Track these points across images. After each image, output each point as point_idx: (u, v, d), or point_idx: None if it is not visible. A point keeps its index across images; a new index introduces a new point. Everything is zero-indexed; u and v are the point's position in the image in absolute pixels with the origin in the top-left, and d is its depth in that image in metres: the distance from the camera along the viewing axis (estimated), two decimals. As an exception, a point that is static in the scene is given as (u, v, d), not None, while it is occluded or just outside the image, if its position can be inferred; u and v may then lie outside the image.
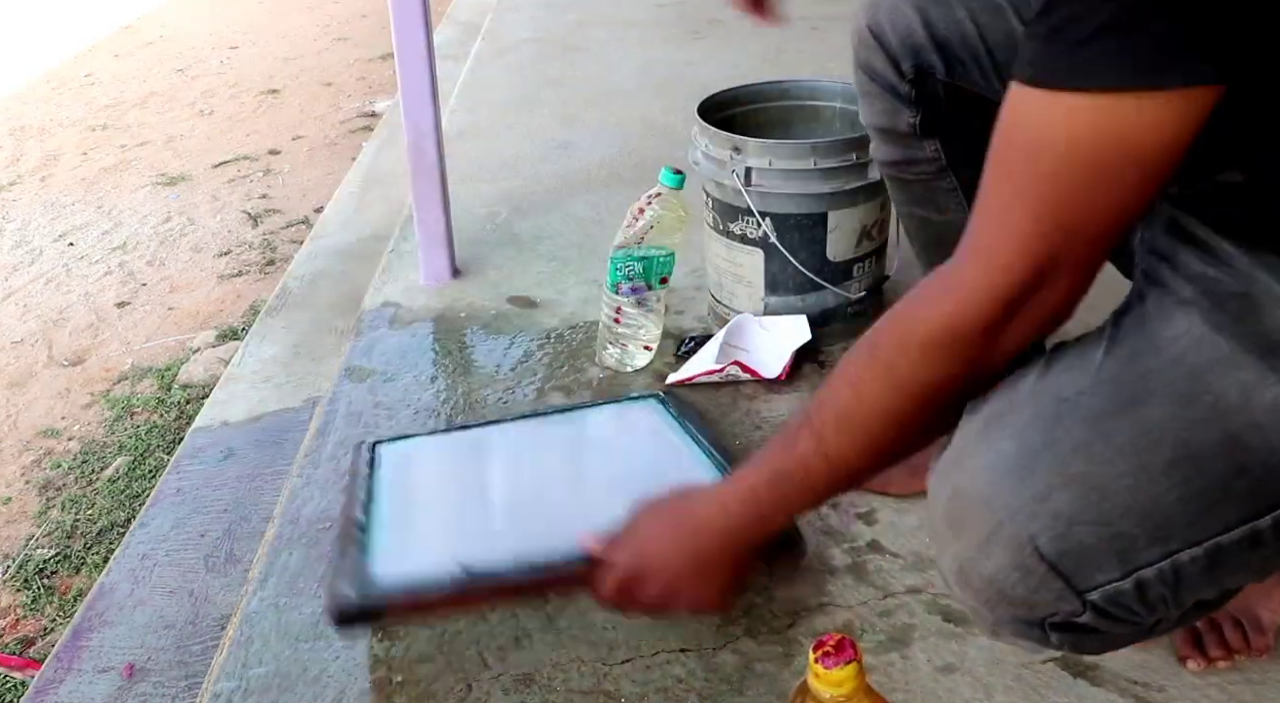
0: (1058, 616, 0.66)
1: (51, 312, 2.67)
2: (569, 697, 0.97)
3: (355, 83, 4.33)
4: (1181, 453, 0.61)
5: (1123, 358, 0.65)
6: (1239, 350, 0.62)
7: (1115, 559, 0.63)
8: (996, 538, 0.64)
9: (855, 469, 0.75)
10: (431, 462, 1.22)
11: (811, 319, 1.43)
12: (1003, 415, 0.66)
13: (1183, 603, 0.66)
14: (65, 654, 1.34)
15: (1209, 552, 0.62)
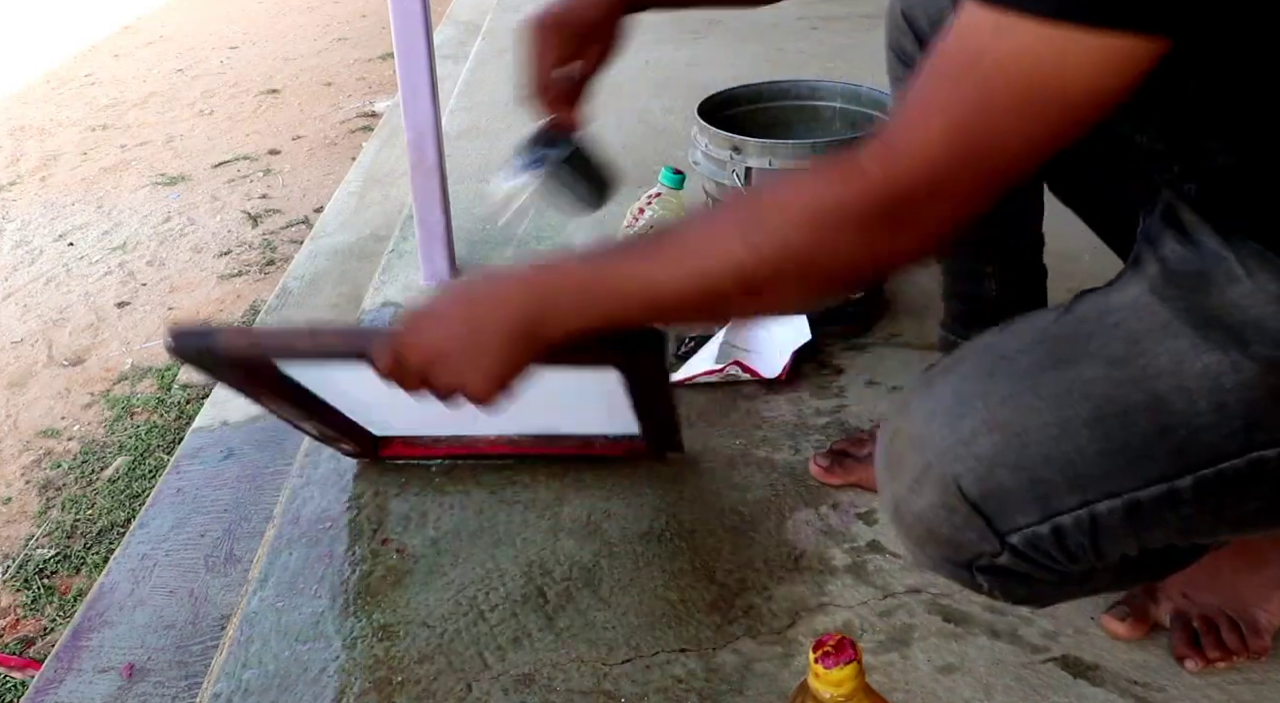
0: (982, 558, 0.70)
1: (51, 312, 2.67)
2: (569, 697, 0.97)
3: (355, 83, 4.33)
4: (1107, 409, 0.64)
5: (1070, 322, 0.69)
6: (1177, 321, 0.64)
7: (1034, 504, 0.66)
8: (926, 477, 0.68)
9: (663, 298, 0.69)
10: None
11: (811, 319, 1.43)
12: (948, 369, 0.70)
13: (1103, 553, 0.68)
14: (65, 654, 1.34)
15: (1126, 505, 0.65)
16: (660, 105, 2.59)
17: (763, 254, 0.64)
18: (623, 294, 0.71)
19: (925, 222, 0.61)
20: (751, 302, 0.68)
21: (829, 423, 1.32)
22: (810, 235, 0.63)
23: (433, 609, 1.08)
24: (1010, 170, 0.60)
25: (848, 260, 0.64)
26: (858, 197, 0.61)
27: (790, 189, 0.66)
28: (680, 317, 0.72)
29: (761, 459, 1.26)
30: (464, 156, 2.29)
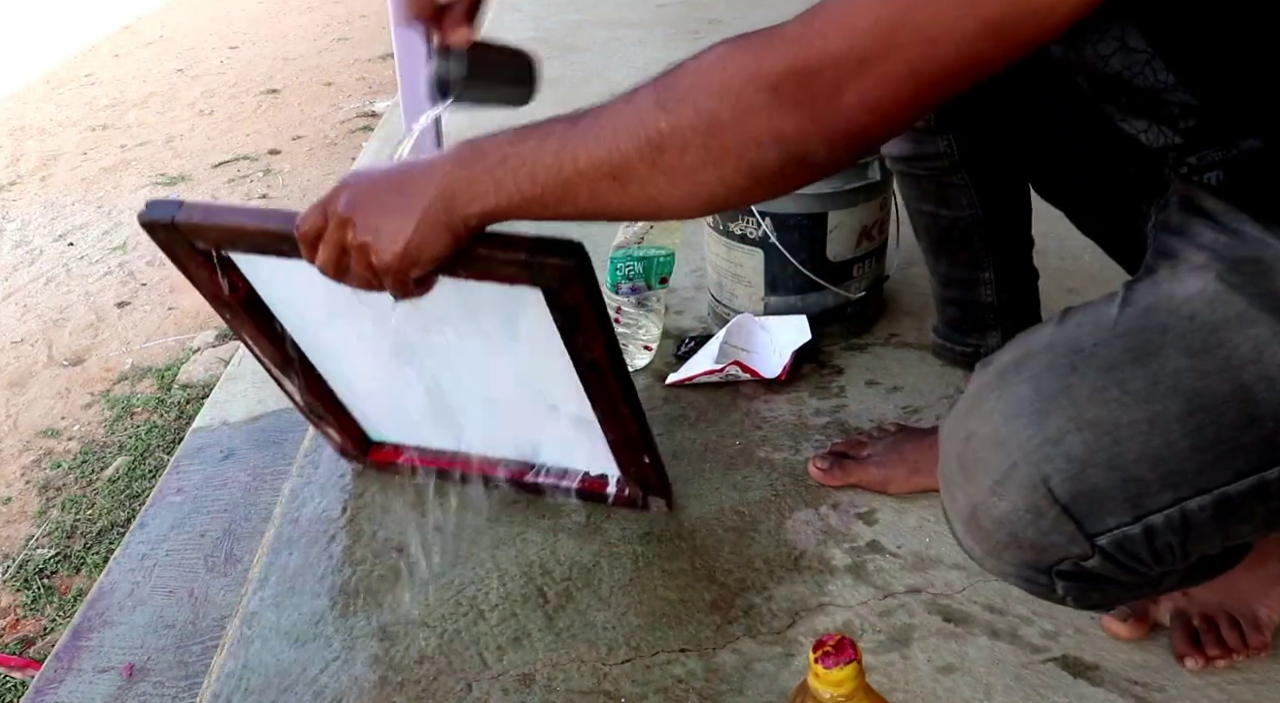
0: (1066, 561, 0.67)
1: (51, 312, 2.67)
2: (569, 697, 0.97)
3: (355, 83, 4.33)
4: (1195, 402, 0.62)
5: (1137, 313, 0.66)
6: (1253, 308, 0.63)
7: (1126, 503, 0.63)
8: (1010, 479, 0.65)
9: (573, 169, 0.67)
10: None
11: (811, 319, 1.43)
12: (1019, 364, 0.67)
13: (1189, 554, 0.67)
14: (65, 654, 1.34)
15: (1217, 501, 0.63)
16: (660, 105, 2.59)
17: (672, 116, 0.62)
18: (537, 165, 0.69)
19: (839, 103, 0.58)
20: (658, 178, 0.64)
21: (829, 423, 1.32)
22: (720, 98, 0.60)
23: (433, 609, 1.08)
24: (939, 73, 0.57)
25: (755, 133, 0.60)
26: (771, 59, 0.59)
27: (710, 54, 0.63)
28: (590, 196, 0.67)
29: (761, 459, 1.27)
30: (464, 156, 2.29)
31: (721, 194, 0.65)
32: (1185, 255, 0.68)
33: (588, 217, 0.70)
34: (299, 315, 1.09)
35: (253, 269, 1.03)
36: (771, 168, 0.61)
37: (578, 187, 0.68)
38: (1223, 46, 0.63)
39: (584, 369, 0.98)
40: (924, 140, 1.07)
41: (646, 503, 1.16)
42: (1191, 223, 0.69)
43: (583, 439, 1.11)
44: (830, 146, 0.60)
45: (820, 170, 0.63)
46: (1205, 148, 0.68)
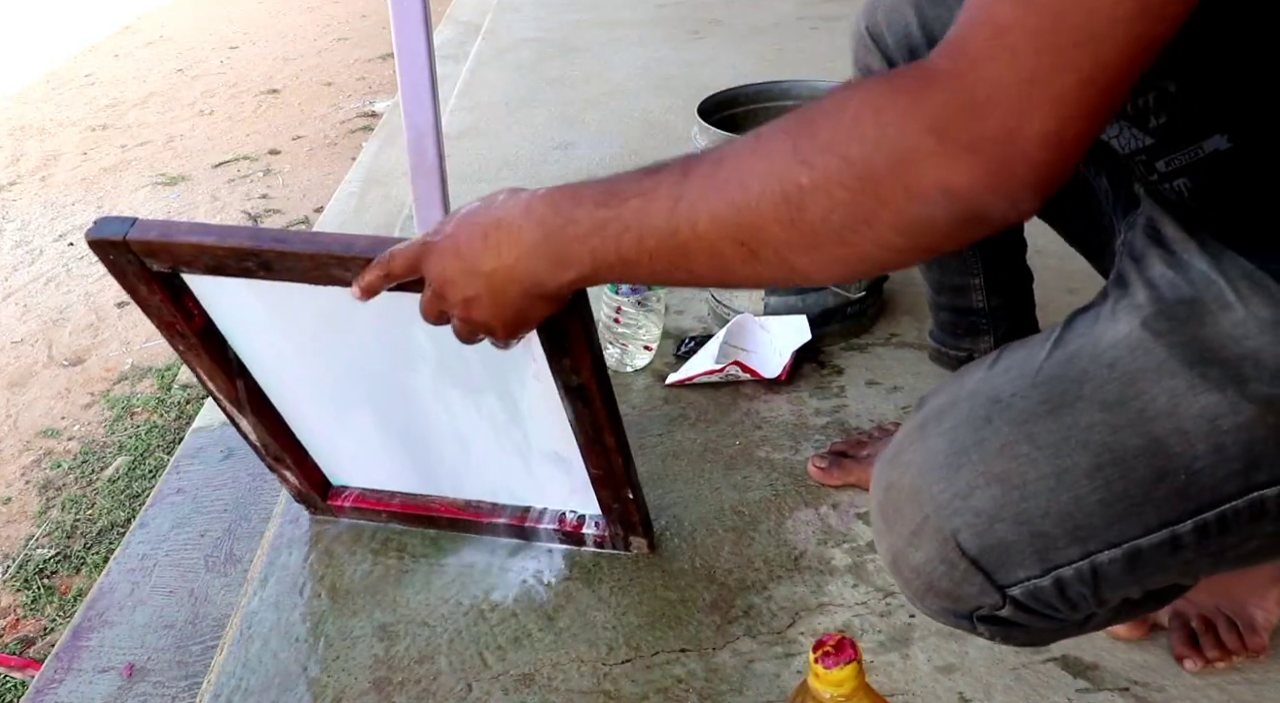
0: (983, 609, 0.68)
1: (51, 312, 2.67)
2: (569, 697, 0.97)
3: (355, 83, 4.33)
4: (1105, 457, 0.62)
5: (1062, 360, 0.66)
6: (1172, 358, 0.62)
7: (1034, 557, 0.64)
8: (923, 531, 0.66)
9: (689, 231, 0.59)
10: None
11: (811, 319, 1.43)
12: (941, 413, 0.67)
13: (1105, 601, 0.67)
14: (65, 654, 1.34)
15: (1128, 554, 0.63)
16: (660, 105, 2.59)
17: (815, 169, 0.53)
18: (644, 230, 0.61)
19: (1018, 143, 0.49)
20: (797, 241, 0.55)
21: (829, 423, 1.32)
22: (874, 147, 0.51)
23: (433, 609, 1.08)
24: (1110, 75, 0.49)
25: (918, 187, 0.51)
26: (930, 98, 0.50)
27: (854, 93, 0.54)
28: (711, 263, 0.59)
29: (761, 459, 1.27)
30: (464, 156, 2.29)
31: (874, 257, 0.55)
32: (1133, 289, 0.67)
33: (706, 283, 0.64)
34: (259, 348, 1.03)
35: (210, 296, 0.97)
36: (937, 227, 0.52)
37: (696, 253, 0.59)
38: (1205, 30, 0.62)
39: (570, 396, 0.93)
40: None
41: (628, 544, 1.12)
42: (1149, 252, 0.68)
43: (561, 478, 1.08)
44: (1009, 198, 0.51)
45: (994, 228, 0.53)
46: (1174, 150, 0.67)
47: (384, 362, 1.01)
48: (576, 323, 0.84)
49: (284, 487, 1.20)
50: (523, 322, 0.75)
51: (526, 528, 1.13)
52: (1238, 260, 0.63)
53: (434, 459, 1.13)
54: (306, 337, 0.99)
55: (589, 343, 0.87)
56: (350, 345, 1.00)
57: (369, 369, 1.03)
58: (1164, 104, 0.66)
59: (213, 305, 0.98)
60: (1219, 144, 0.64)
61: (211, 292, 0.96)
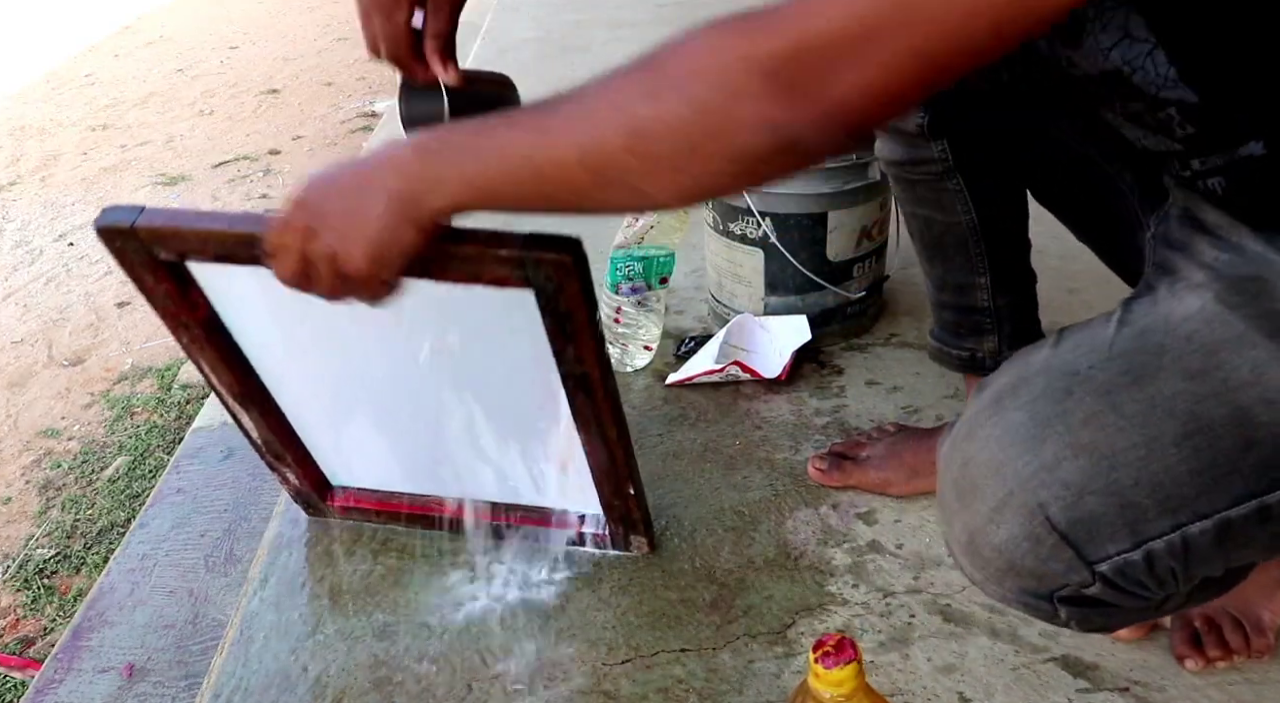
0: (1067, 588, 0.66)
1: (51, 312, 2.67)
2: (569, 697, 0.97)
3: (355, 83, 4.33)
4: (1192, 426, 0.61)
5: (1134, 335, 0.65)
6: (1251, 329, 0.62)
7: (1126, 530, 0.63)
8: (1007, 507, 0.64)
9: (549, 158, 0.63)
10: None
11: (811, 319, 1.43)
12: (1015, 389, 0.66)
13: (1191, 577, 0.66)
14: (65, 654, 1.34)
15: (1218, 525, 0.62)
16: (660, 105, 2.58)
17: (657, 102, 0.58)
18: (508, 155, 0.64)
19: (835, 87, 0.54)
20: (641, 167, 0.60)
21: (829, 423, 1.32)
22: (709, 83, 0.56)
23: (433, 609, 1.08)
24: (939, 54, 0.54)
25: (745, 119, 0.56)
26: (765, 41, 0.55)
27: (699, 35, 0.59)
28: (567, 187, 0.63)
29: (761, 459, 1.27)
30: (464, 156, 2.29)
31: (708, 184, 0.61)
32: (1185, 273, 0.67)
33: (564, 209, 0.66)
34: (262, 341, 1.02)
35: (216, 286, 0.96)
36: (761, 155, 0.57)
37: (553, 177, 0.63)
38: (1228, 40, 0.62)
39: (573, 386, 0.93)
40: (918, 145, 1.07)
41: (628, 543, 1.11)
42: (1193, 237, 0.68)
43: (561, 477, 1.08)
44: (822, 132, 0.57)
45: (811, 158, 0.59)
46: (1207, 154, 0.67)
47: (386, 358, 1.01)
48: (581, 309, 0.84)
49: (283, 487, 1.19)
50: (388, 248, 0.70)
51: (527, 527, 1.13)
52: None
53: (434, 459, 1.13)
54: (309, 330, 0.99)
55: (593, 330, 0.86)
56: (352, 341, 0.99)
57: (370, 366, 1.03)
58: (1188, 115, 0.66)
59: (218, 296, 0.97)
60: (1255, 150, 0.64)
61: (217, 281, 0.96)
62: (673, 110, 0.57)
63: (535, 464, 1.09)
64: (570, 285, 0.82)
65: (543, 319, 0.86)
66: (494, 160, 0.65)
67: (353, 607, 1.10)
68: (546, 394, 0.96)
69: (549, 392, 0.95)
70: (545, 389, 0.96)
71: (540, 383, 0.95)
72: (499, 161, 0.65)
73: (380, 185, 0.69)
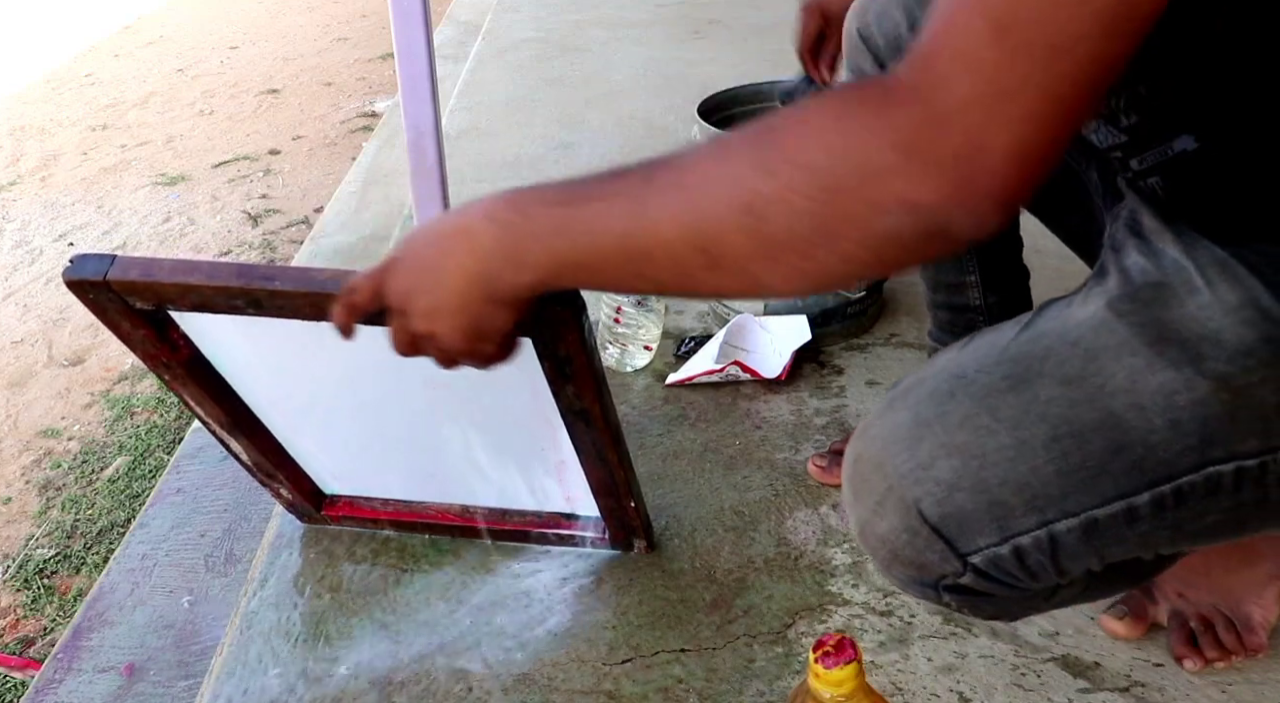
0: (946, 578, 0.69)
1: (51, 312, 2.67)
2: (569, 697, 0.97)
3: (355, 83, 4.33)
4: (1062, 429, 0.63)
5: (1028, 340, 0.68)
6: (1133, 337, 0.64)
7: (994, 525, 0.66)
8: (887, 501, 0.68)
9: (648, 236, 0.57)
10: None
11: (811, 319, 1.43)
12: (907, 392, 0.69)
13: (1065, 571, 0.68)
14: (65, 654, 1.34)
15: (1084, 523, 0.65)
16: (660, 105, 2.59)
17: (778, 179, 0.52)
18: (604, 234, 0.59)
19: (985, 159, 0.49)
20: (759, 253, 0.55)
21: (829, 423, 1.33)
22: (836, 155, 0.51)
23: (433, 609, 1.08)
24: (1073, 88, 0.49)
25: (883, 201, 0.51)
26: (896, 112, 0.50)
27: (814, 105, 0.54)
28: (672, 271, 0.58)
29: (761, 459, 1.27)
30: (464, 156, 2.29)
31: (838, 270, 0.55)
32: (1108, 276, 0.68)
33: (667, 293, 0.64)
34: (248, 371, 1.01)
35: (197, 329, 0.94)
36: (901, 241, 0.52)
37: (657, 258, 0.58)
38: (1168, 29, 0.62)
39: (572, 417, 0.92)
40: None
41: (629, 545, 1.12)
42: (1127, 242, 0.69)
43: (560, 483, 1.08)
44: (974, 212, 0.51)
45: (959, 243, 0.52)
46: (1145, 149, 0.68)
47: (378, 378, 0.99)
48: (580, 353, 0.83)
49: (277, 500, 1.19)
50: (483, 331, 0.69)
51: (524, 532, 1.13)
52: (1211, 248, 0.64)
53: (430, 467, 1.12)
54: (297, 361, 0.98)
55: (592, 369, 0.85)
56: (343, 365, 0.98)
57: (363, 386, 1.02)
58: (1135, 105, 0.67)
59: (200, 337, 0.95)
60: (1186, 145, 0.65)
61: (198, 324, 0.94)
62: (798, 189, 0.52)
63: (534, 477, 1.09)
64: (569, 335, 0.82)
65: (540, 364, 0.86)
66: (584, 238, 0.60)
67: (353, 607, 1.10)
68: (544, 421, 0.96)
69: (546, 419, 0.95)
70: (543, 418, 0.95)
71: (538, 413, 0.95)
72: (590, 239, 0.60)
73: (455, 266, 0.66)
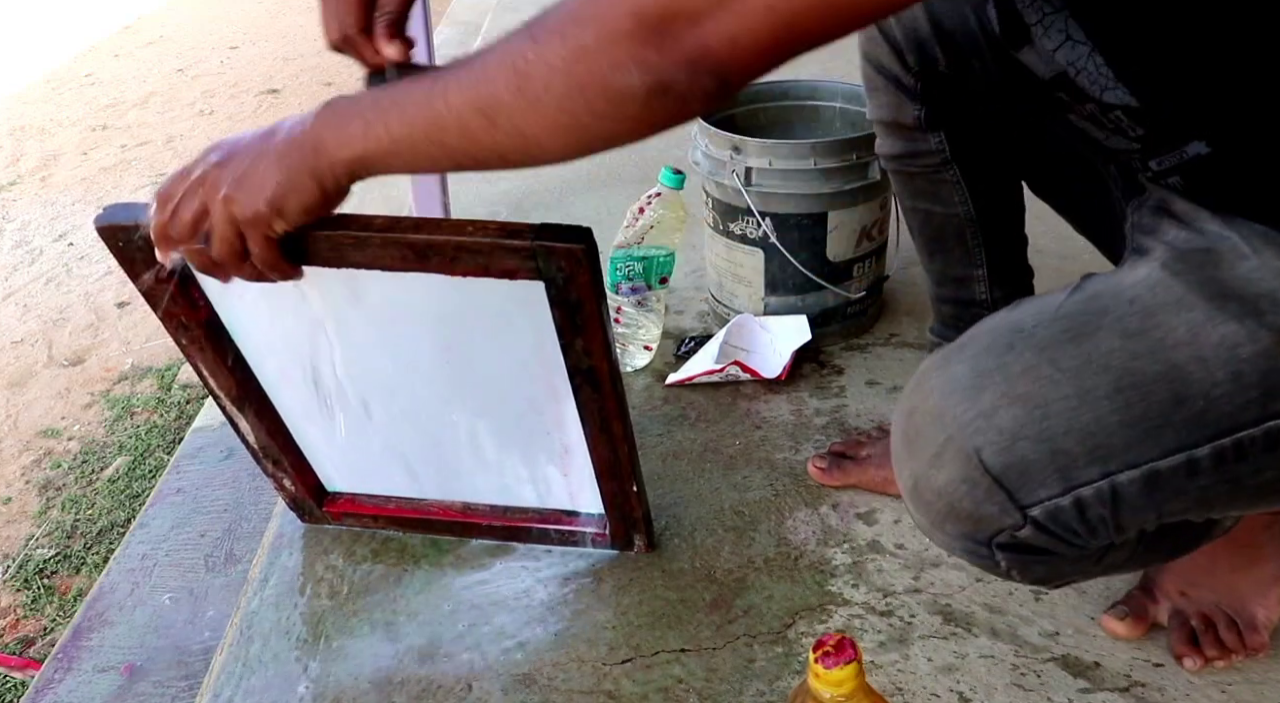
0: (1003, 533, 0.69)
1: (51, 312, 2.67)
2: (569, 697, 0.97)
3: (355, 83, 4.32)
4: (1125, 380, 0.64)
5: (1083, 299, 0.68)
6: (1191, 293, 0.64)
7: (1056, 475, 0.65)
8: (946, 452, 0.68)
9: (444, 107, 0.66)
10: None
11: (811, 319, 1.43)
12: (962, 346, 0.70)
13: (1123, 527, 0.68)
14: (65, 654, 1.34)
15: (1146, 475, 0.65)
16: (660, 105, 2.58)
17: (540, 45, 0.61)
18: (407, 105, 0.68)
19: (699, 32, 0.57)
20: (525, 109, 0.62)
21: (829, 423, 1.33)
22: (587, 26, 0.59)
23: (433, 609, 1.08)
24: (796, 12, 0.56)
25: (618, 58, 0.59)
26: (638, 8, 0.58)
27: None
28: (460, 134, 0.65)
29: (761, 459, 1.27)
30: (464, 156, 2.29)
31: (589, 125, 0.63)
32: (1149, 251, 0.70)
33: (460, 160, 0.69)
34: (261, 343, 1.01)
35: (217, 286, 0.94)
36: (636, 94, 0.60)
37: (447, 124, 0.66)
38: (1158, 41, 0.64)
39: (580, 381, 0.92)
40: (917, 139, 1.08)
41: (629, 542, 1.11)
42: (1161, 222, 0.70)
43: (563, 477, 1.08)
44: (691, 75, 0.59)
45: (684, 103, 0.61)
46: (1160, 153, 0.69)
47: (385, 362, 1.00)
48: (591, 299, 0.84)
49: (279, 493, 1.19)
50: (286, 196, 0.72)
51: (526, 529, 1.13)
52: (1249, 224, 0.65)
53: (433, 463, 1.12)
54: (308, 332, 0.98)
55: (603, 322, 0.86)
56: (351, 344, 0.99)
57: (370, 369, 1.02)
58: (1134, 117, 0.68)
59: (219, 296, 0.96)
60: (1199, 149, 0.66)
61: (218, 286, 0.93)
62: (554, 51, 0.60)
63: (537, 467, 1.09)
64: (581, 275, 0.82)
65: (552, 312, 0.86)
66: (394, 112, 0.68)
67: (353, 607, 1.10)
68: (550, 394, 0.96)
69: (552, 391, 0.95)
70: (549, 388, 0.95)
71: (544, 381, 0.95)
72: (399, 113, 0.68)
73: (284, 134, 0.72)
